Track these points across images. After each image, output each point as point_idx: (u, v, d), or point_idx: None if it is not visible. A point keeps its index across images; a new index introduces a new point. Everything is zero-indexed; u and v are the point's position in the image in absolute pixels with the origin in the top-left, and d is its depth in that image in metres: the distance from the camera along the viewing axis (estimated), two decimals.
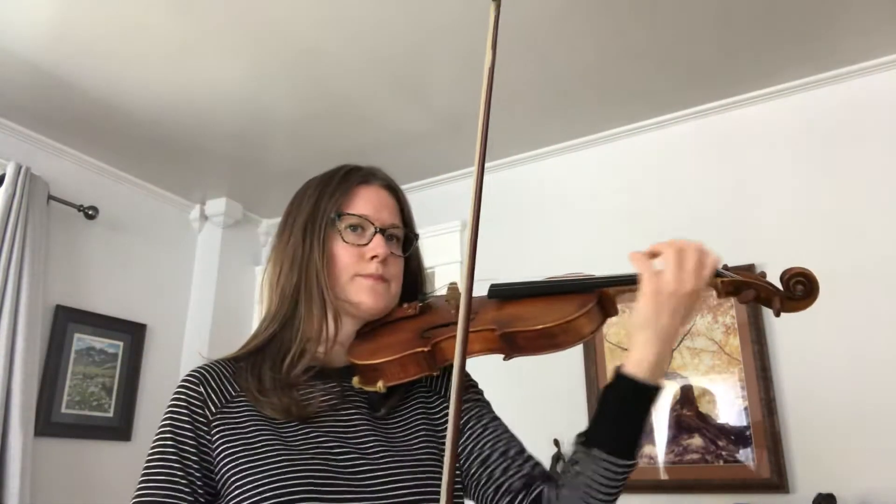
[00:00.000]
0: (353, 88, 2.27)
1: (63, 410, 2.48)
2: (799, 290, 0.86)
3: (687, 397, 2.16)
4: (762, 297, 0.87)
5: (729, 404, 2.09)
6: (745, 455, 2.03)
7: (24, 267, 2.30)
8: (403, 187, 1.10)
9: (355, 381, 0.91)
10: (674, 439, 2.15)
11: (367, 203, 1.00)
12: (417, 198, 3.01)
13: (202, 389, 0.89)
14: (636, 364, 0.83)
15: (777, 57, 2.12)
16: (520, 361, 0.90)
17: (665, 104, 2.39)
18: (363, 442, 0.88)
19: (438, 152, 2.70)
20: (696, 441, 2.11)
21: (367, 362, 0.90)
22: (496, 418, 1.00)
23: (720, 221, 2.27)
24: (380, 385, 0.89)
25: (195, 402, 0.88)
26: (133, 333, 2.77)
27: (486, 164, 3.12)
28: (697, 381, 2.16)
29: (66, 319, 2.55)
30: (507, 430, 0.98)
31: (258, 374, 0.91)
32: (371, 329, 0.99)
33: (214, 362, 0.94)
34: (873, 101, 2.13)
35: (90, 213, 2.62)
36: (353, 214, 0.98)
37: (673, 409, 2.18)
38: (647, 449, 2.18)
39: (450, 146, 2.65)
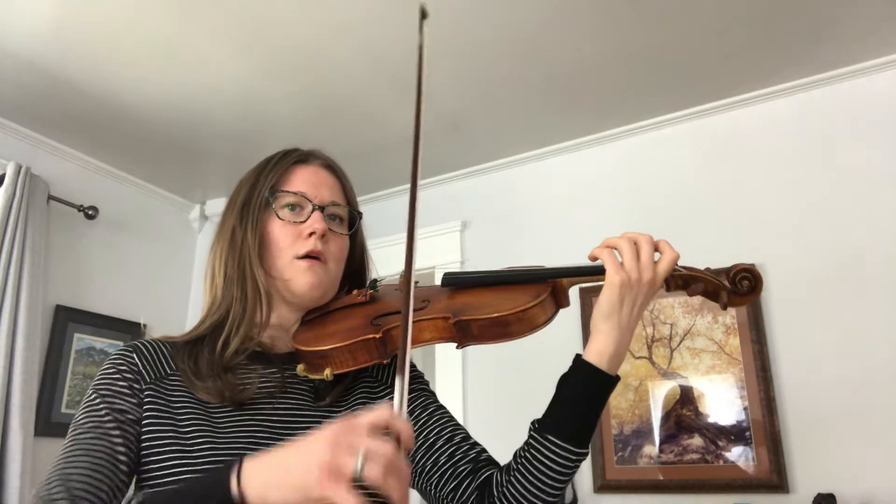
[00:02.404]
0: (353, 88, 2.28)
1: (63, 410, 2.48)
2: (744, 285, 0.88)
3: (687, 397, 2.16)
4: (710, 290, 0.90)
5: (729, 404, 2.09)
6: (745, 455, 2.03)
7: (24, 267, 2.30)
8: (403, 187, 1.10)
9: (300, 368, 0.89)
10: (674, 439, 2.15)
11: (304, 181, 0.98)
12: (418, 197, 3.02)
13: (136, 359, 0.87)
14: (597, 354, 0.83)
15: (777, 57, 2.12)
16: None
17: (665, 104, 2.39)
18: (299, 432, 0.84)
19: (438, 152, 2.70)
20: (696, 441, 2.11)
21: (314, 349, 0.87)
22: (441, 406, 0.99)
23: (720, 221, 2.27)
24: (327, 373, 0.86)
25: (128, 369, 0.86)
26: (133, 333, 2.77)
27: (487, 164, 3.14)
28: (697, 381, 2.16)
29: (66, 319, 2.55)
30: (452, 418, 0.97)
31: (195, 358, 0.89)
32: (318, 315, 0.96)
33: (152, 339, 0.92)
34: (873, 101, 2.13)
35: (90, 213, 2.62)
36: (289, 192, 0.96)
37: (673, 409, 2.18)
38: (646, 449, 2.18)
39: (450, 146, 2.65)
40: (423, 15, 0.85)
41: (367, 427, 0.59)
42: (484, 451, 0.94)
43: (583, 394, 0.84)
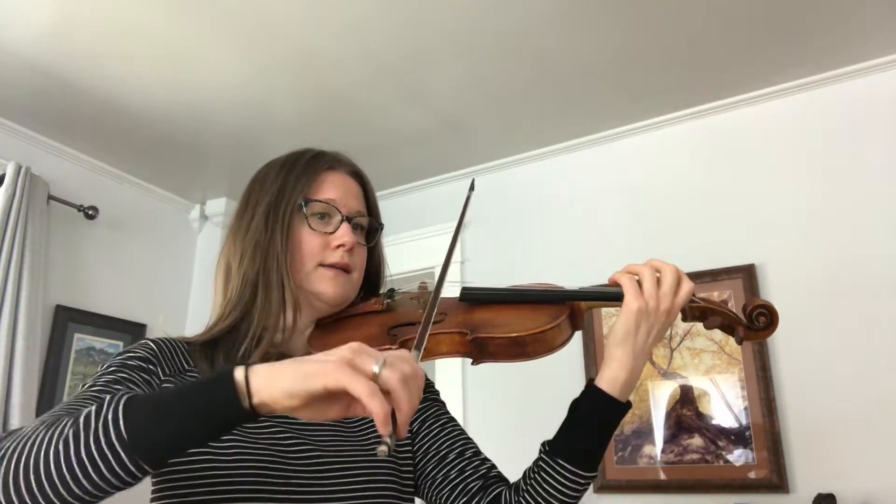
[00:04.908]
0: (353, 88, 2.27)
1: None
2: (761, 321, 0.90)
3: (687, 397, 2.17)
4: (726, 324, 0.92)
5: (729, 404, 2.10)
6: (745, 455, 2.03)
7: (24, 267, 2.30)
8: (404, 187, 1.10)
9: None
10: (674, 439, 2.15)
11: (334, 189, 0.97)
12: (417, 198, 3.04)
13: (156, 349, 0.85)
14: (611, 381, 0.85)
15: (777, 57, 2.12)
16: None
17: (665, 104, 2.39)
18: (320, 434, 0.86)
19: (438, 152, 2.70)
20: (696, 441, 2.11)
21: None
22: (453, 419, 1.00)
23: (720, 222, 2.27)
24: None
25: (148, 357, 0.83)
26: (133, 333, 2.77)
27: (487, 164, 3.11)
28: (697, 381, 2.16)
29: (66, 319, 2.55)
30: (463, 432, 0.99)
31: (211, 360, 0.87)
32: (334, 320, 0.96)
33: (167, 338, 0.90)
34: (873, 101, 2.13)
35: (90, 213, 2.62)
36: (321, 201, 0.95)
37: (673, 409, 2.18)
38: (647, 449, 2.18)
39: (450, 146, 2.65)
40: (472, 187, 0.94)
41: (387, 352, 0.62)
42: (494, 467, 0.95)
43: (594, 420, 0.85)
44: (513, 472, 0.97)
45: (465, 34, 1.99)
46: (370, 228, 1.02)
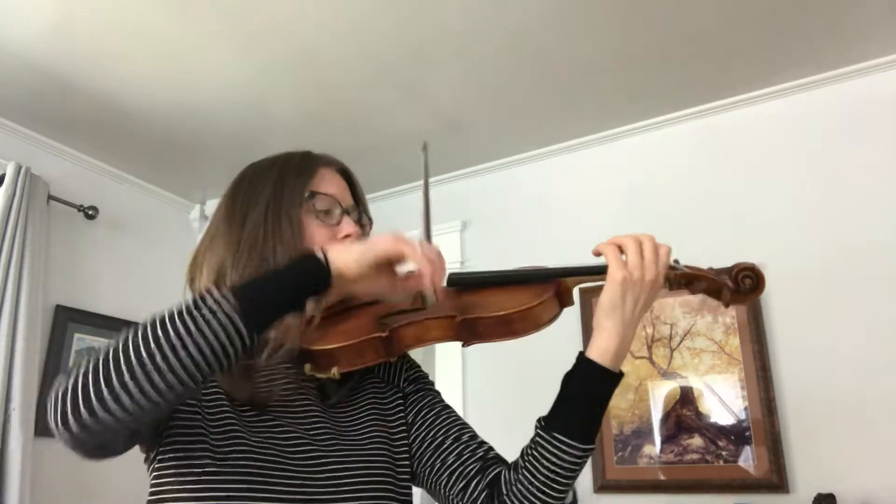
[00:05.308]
0: (353, 89, 2.28)
1: None
2: (747, 283, 0.90)
3: (687, 397, 2.16)
4: (712, 289, 0.92)
5: (729, 404, 2.10)
6: (745, 455, 2.03)
7: (24, 267, 2.30)
8: (404, 187, 1.11)
9: (307, 368, 0.88)
10: (674, 439, 2.15)
11: (331, 185, 0.98)
12: (417, 198, 3.02)
13: None
14: (601, 351, 0.85)
15: (777, 57, 2.12)
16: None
17: (665, 104, 2.39)
18: (315, 430, 0.87)
19: (438, 152, 2.70)
20: (696, 441, 2.11)
21: (321, 348, 0.87)
22: (448, 406, 1.00)
23: (720, 221, 2.27)
24: (334, 371, 0.86)
25: None
26: None
27: (487, 164, 3.11)
28: (697, 382, 2.16)
29: (66, 319, 2.55)
30: (459, 418, 0.99)
31: None
32: (327, 314, 0.95)
33: None
34: (874, 100, 2.13)
35: (90, 213, 2.62)
36: (327, 194, 0.95)
37: (673, 409, 2.18)
38: (646, 449, 2.18)
39: (450, 146, 2.65)
40: (425, 148, 1.02)
41: None
42: (491, 449, 0.95)
43: (587, 391, 0.85)
44: (514, 457, 0.97)
45: (465, 34, 1.99)
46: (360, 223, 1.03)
